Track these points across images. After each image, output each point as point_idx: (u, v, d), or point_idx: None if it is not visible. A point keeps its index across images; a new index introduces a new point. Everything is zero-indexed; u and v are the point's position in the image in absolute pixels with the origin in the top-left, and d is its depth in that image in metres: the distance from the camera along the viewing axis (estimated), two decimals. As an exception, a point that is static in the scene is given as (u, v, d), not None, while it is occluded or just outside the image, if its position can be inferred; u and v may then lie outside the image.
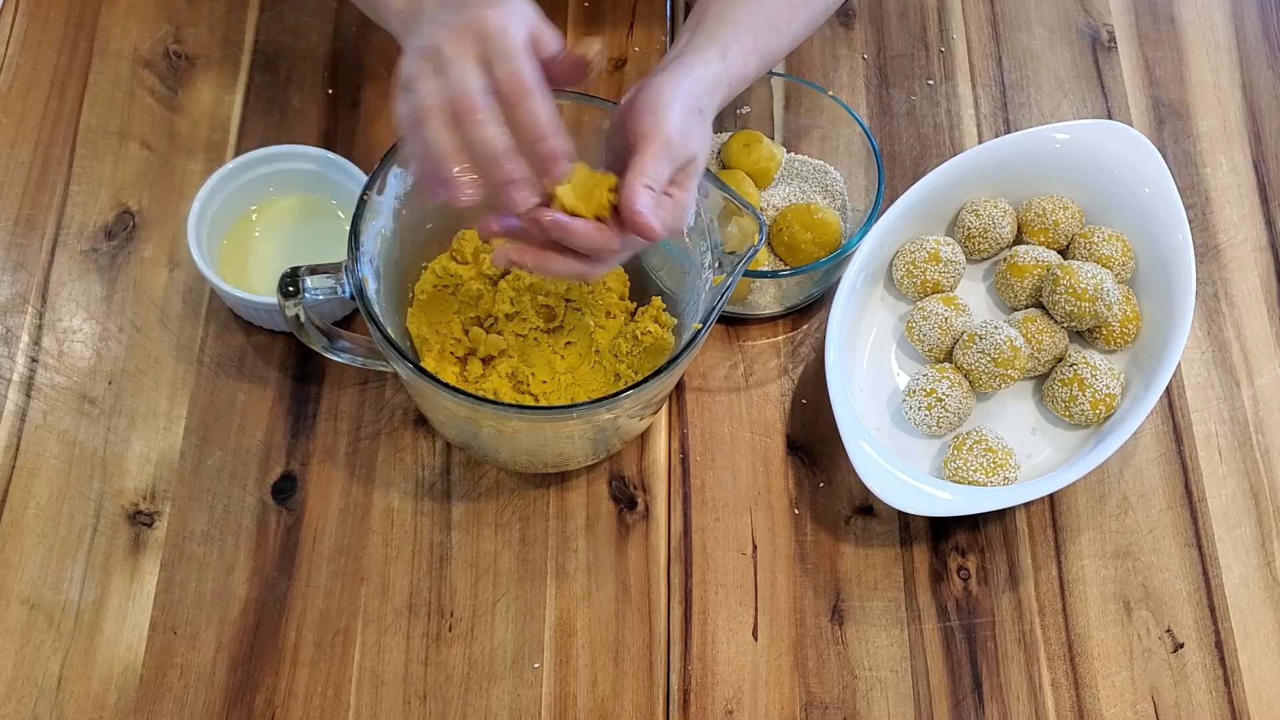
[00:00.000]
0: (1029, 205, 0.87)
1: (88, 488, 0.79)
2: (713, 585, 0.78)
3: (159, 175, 0.89)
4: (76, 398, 0.82)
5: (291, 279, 0.69)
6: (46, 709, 0.73)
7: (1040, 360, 0.82)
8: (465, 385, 0.78)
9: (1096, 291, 0.80)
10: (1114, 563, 0.80)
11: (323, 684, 0.75)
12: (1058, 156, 0.86)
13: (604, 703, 0.75)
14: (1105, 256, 0.84)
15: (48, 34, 0.94)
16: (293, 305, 0.70)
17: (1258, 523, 0.82)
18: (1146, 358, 0.82)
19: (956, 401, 0.80)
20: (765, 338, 0.86)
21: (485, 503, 0.80)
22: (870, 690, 0.76)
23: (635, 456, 0.82)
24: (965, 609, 0.78)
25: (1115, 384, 0.80)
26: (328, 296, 0.70)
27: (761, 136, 0.88)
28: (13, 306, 0.84)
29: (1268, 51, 1.01)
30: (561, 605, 0.77)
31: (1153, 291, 0.84)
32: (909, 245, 0.85)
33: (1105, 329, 0.83)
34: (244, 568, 0.77)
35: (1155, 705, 0.76)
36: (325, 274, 0.69)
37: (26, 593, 0.76)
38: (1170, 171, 0.85)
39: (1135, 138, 0.86)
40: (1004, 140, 0.87)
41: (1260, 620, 0.79)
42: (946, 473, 0.79)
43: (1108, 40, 1.00)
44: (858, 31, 0.99)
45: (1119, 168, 0.85)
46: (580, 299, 0.80)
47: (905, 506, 0.75)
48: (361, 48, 0.95)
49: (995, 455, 0.78)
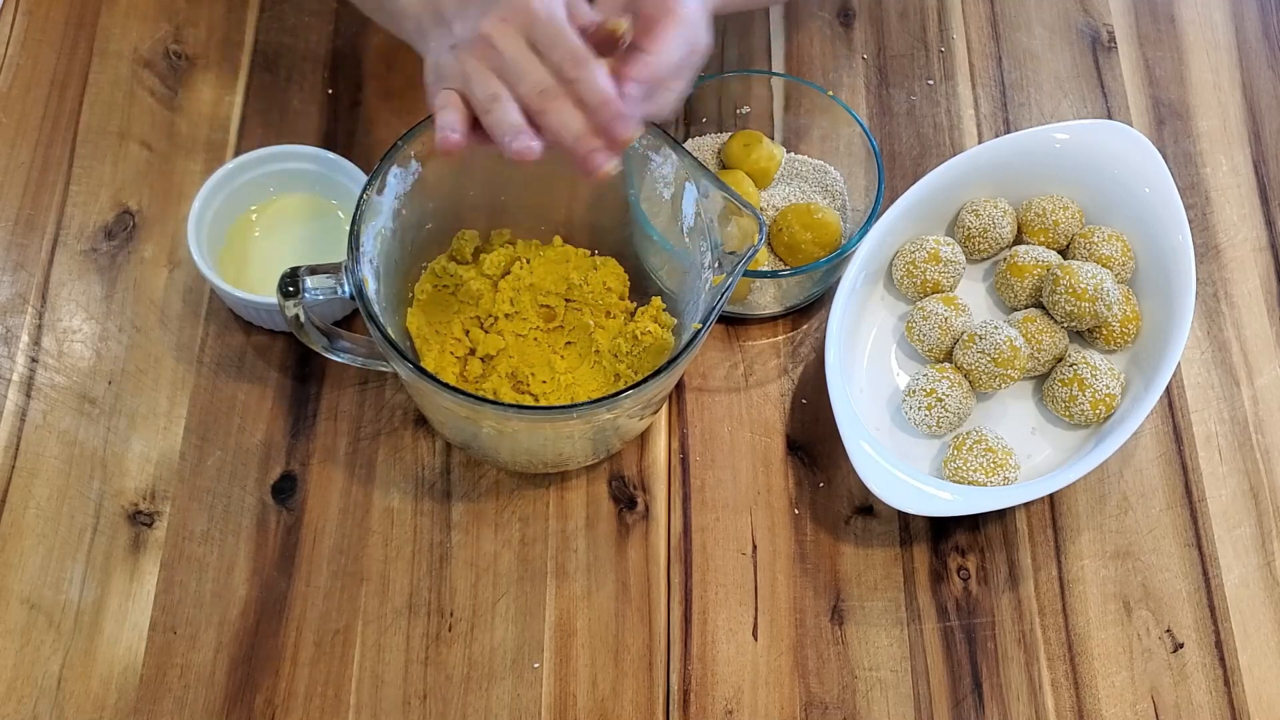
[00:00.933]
0: (1029, 205, 0.87)
1: (88, 488, 0.79)
2: (713, 585, 0.78)
3: (159, 175, 0.89)
4: (76, 398, 0.82)
5: (291, 279, 0.69)
6: (46, 709, 0.73)
7: (1040, 360, 0.82)
8: (465, 385, 0.78)
9: (1096, 291, 0.80)
10: (1114, 563, 0.80)
11: (323, 684, 0.75)
12: (1058, 156, 0.86)
13: (604, 703, 0.75)
14: (1105, 256, 0.84)
15: (48, 34, 0.94)
16: (293, 305, 0.70)
17: (1258, 523, 0.82)
18: (1146, 358, 0.82)
19: (956, 401, 0.80)
20: (765, 338, 0.86)
21: (485, 503, 0.80)
22: (870, 690, 0.76)
23: (635, 456, 0.82)
24: (965, 609, 0.78)
25: (1115, 384, 0.80)
26: (328, 297, 0.70)
27: (761, 136, 0.88)
28: (13, 306, 0.84)
29: (1268, 51, 1.01)
30: (561, 605, 0.77)
31: (1153, 291, 0.84)
32: (909, 245, 0.85)
33: (1105, 329, 0.83)
34: (244, 568, 0.77)
35: (1155, 705, 0.77)
36: (325, 274, 0.69)
37: (26, 593, 0.76)
38: (1170, 171, 0.85)
39: (1135, 138, 0.86)
40: (1004, 140, 0.87)
41: (1260, 620, 0.79)
42: (946, 473, 0.79)
43: (1108, 40, 1.00)
44: (858, 31, 0.99)
45: (1119, 168, 0.85)
46: (580, 299, 0.80)
47: (905, 506, 0.75)
48: (361, 48, 0.95)
49: (995, 455, 0.78)
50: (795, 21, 0.99)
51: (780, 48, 0.97)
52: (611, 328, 0.79)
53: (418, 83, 0.96)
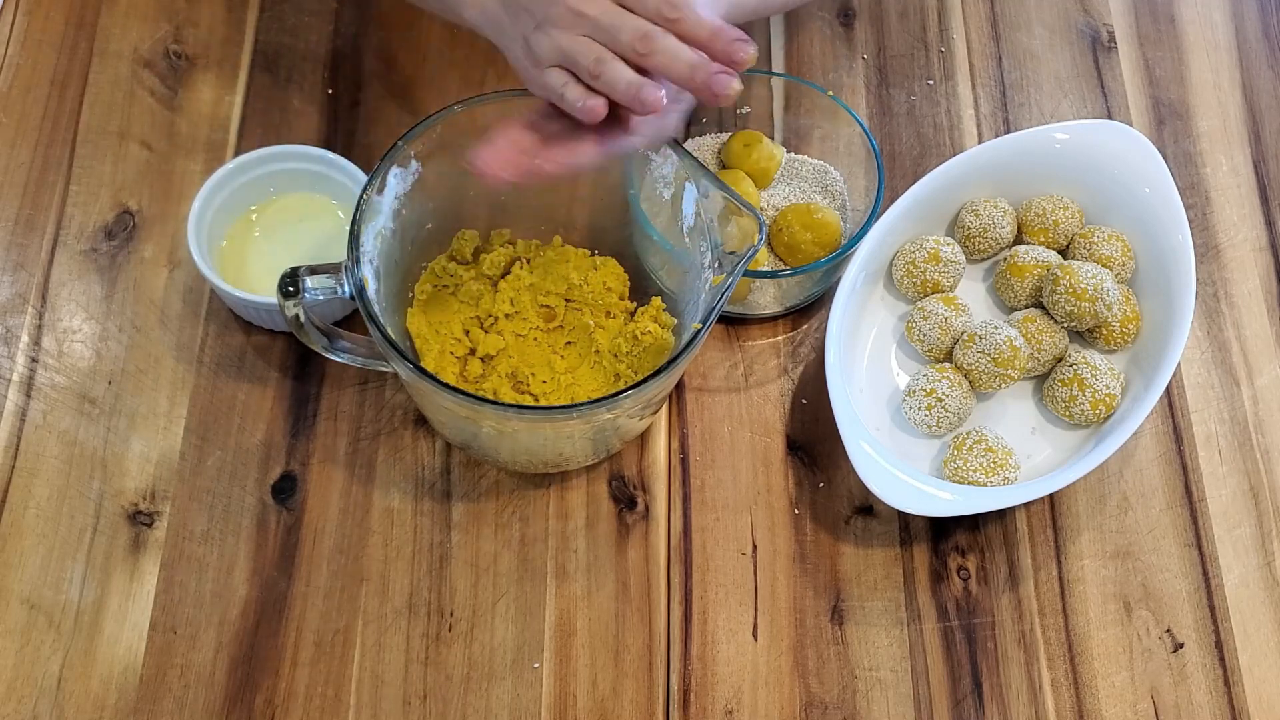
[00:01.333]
0: (1029, 205, 0.87)
1: (88, 488, 0.79)
2: (713, 585, 0.78)
3: (159, 175, 0.89)
4: (76, 398, 0.82)
5: (291, 279, 0.69)
6: (46, 709, 0.73)
7: (1040, 360, 0.82)
8: (465, 385, 0.78)
9: (1096, 291, 0.80)
10: (1114, 563, 0.80)
11: (323, 684, 0.75)
12: (1057, 156, 0.86)
13: (604, 703, 0.75)
14: (1105, 256, 0.84)
15: (48, 34, 0.94)
16: (293, 305, 0.70)
17: (1258, 523, 0.82)
18: (1146, 357, 0.82)
19: (956, 401, 0.80)
20: (765, 338, 0.86)
21: (485, 503, 0.80)
22: (870, 690, 0.76)
23: (635, 456, 0.82)
24: (965, 609, 0.78)
25: (1115, 384, 0.80)
26: (328, 297, 0.70)
27: (761, 136, 0.88)
28: (13, 306, 0.84)
29: (1268, 51, 1.01)
30: (561, 605, 0.77)
31: (1153, 291, 0.84)
32: (909, 245, 0.85)
33: (1105, 329, 0.83)
34: (244, 568, 0.77)
35: (1155, 705, 0.77)
36: (325, 274, 0.69)
37: (26, 593, 0.76)
38: (1170, 171, 0.85)
39: (1135, 137, 0.86)
40: (1004, 140, 0.87)
41: (1260, 620, 0.79)
42: (947, 473, 0.79)
43: (1108, 40, 1.00)
44: (858, 31, 0.99)
45: (1118, 168, 0.85)
46: (580, 299, 0.80)
47: (905, 506, 0.75)
48: (361, 48, 0.95)
49: (995, 455, 0.78)
50: (795, 21, 0.99)
51: (780, 48, 0.97)
52: (611, 328, 0.79)
53: (418, 82, 0.97)
